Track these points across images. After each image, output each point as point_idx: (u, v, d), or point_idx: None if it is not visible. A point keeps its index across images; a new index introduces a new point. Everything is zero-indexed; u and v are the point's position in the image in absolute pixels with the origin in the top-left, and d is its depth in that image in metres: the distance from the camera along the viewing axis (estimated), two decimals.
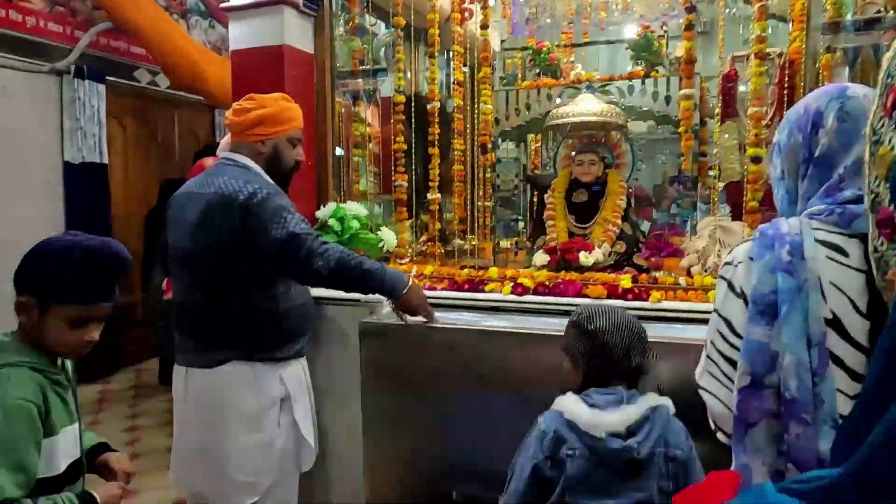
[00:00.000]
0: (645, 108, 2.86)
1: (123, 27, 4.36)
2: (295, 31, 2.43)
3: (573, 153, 2.87)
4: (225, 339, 1.82)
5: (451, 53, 3.21)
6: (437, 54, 2.60)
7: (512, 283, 2.24)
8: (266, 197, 1.73)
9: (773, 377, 0.93)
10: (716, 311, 1.05)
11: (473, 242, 3.22)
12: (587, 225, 2.76)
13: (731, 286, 1.02)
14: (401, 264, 2.57)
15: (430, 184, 2.61)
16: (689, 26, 2.09)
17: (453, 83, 3.18)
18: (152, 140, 5.29)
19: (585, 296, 2.15)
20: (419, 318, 1.96)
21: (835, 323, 0.90)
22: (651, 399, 1.41)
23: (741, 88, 2.94)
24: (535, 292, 2.20)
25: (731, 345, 1.01)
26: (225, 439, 1.82)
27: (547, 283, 2.22)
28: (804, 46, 2.64)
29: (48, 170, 4.39)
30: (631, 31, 3.35)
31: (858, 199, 0.91)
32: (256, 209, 1.71)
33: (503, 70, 3.38)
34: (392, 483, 2.10)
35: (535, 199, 3.27)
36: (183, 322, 1.90)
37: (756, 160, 2.06)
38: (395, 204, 2.63)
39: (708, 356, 1.06)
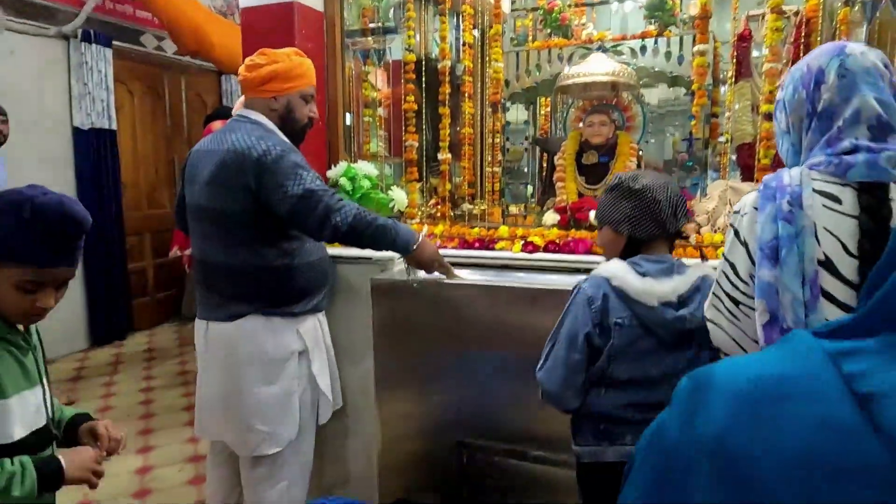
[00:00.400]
0: (657, 69, 2.83)
1: None
2: None
3: (584, 115, 2.85)
4: (242, 294, 1.86)
5: (460, 15, 3.17)
6: (447, 13, 2.57)
7: (522, 242, 2.26)
8: (281, 154, 1.74)
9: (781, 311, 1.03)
10: (724, 255, 1.15)
11: (482, 207, 3.23)
12: (597, 186, 2.76)
13: (736, 234, 1.12)
14: (411, 224, 2.59)
15: (441, 144, 2.60)
16: None
17: (463, 45, 3.15)
18: (160, 106, 5.28)
19: (595, 253, 2.17)
20: (437, 275, 1.97)
21: (827, 263, 1.00)
22: (699, 268, 1.43)
23: (755, 54, 2.91)
24: (546, 250, 2.22)
25: (734, 286, 1.12)
26: (245, 390, 1.86)
27: (557, 241, 2.24)
28: (821, 3, 2.60)
29: (58, 136, 4.40)
30: None
31: (854, 150, 1.00)
32: (272, 166, 1.72)
33: (513, 31, 3.33)
34: (404, 434, 2.15)
35: (545, 163, 3.26)
36: (201, 277, 1.94)
37: (770, 117, 2.04)
38: (406, 164, 2.64)
39: (714, 293, 1.17)
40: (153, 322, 5.18)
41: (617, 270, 1.38)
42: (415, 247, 1.86)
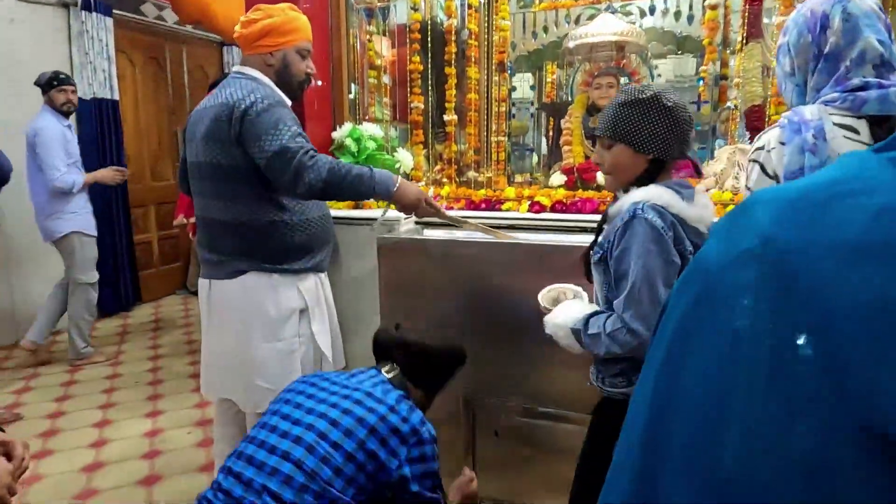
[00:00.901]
0: (666, 29, 2.78)
1: None
2: None
3: (591, 78, 2.82)
4: (241, 251, 1.86)
5: None
6: None
7: (529, 202, 2.25)
8: (266, 107, 1.72)
9: None
10: (748, 188, 1.21)
11: (488, 174, 3.21)
12: None
13: (763, 169, 1.18)
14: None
15: (447, 105, 2.58)
16: None
17: (469, 9, 3.10)
18: (162, 77, 5.23)
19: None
20: (432, 218, 1.92)
21: None
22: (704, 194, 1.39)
23: (765, 21, 2.85)
24: (553, 210, 2.21)
25: None
26: (247, 346, 1.87)
27: (564, 200, 2.22)
28: None
29: None
30: None
31: (865, 87, 1.10)
32: (255, 118, 1.71)
33: None
34: None
35: (552, 130, 3.23)
36: (203, 236, 1.94)
37: None
38: (412, 127, 2.61)
39: None
40: (159, 294, 5.20)
41: (665, 197, 1.24)
42: (395, 188, 1.81)
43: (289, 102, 1.90)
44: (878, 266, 0.29)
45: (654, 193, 1.25)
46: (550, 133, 3.36)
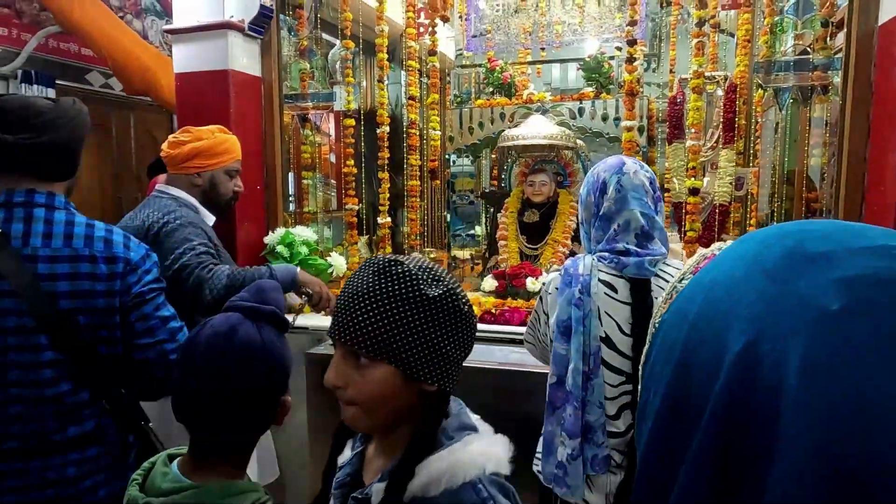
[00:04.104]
0: (595, 129, 2.89)
1: (70, 31, 4.22)
2: (240, 55, 2.39)
3: (525, 172, 2.90)
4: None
5: (405, 67, 3.20)
6: (384, 79, 2.59)
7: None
8: (176, 227, 1.77)
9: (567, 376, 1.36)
10: (535, 308, 1.53)
11: (432, 255, 3.24)
12: (538, 245, 2.80)
13: (542, 301, 1.49)
14: None
15: (381, 208, 2.61)
16: (630, 59, 2.12)
17: (407, 99, 3.18)
18: (107, 145, 5.16)
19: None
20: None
21: (607, 340, 1.34)
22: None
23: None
24: (482, 321, 2.23)
25: (534, 326, 1.55)
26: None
27: (493, 311, 2.26)
28: (749, 70, 2.71)
29: None
30: (590, 47, 3.38)
31: (627, 252, 1.34)
32: (164, 237, 1.75)
33: (458, 87, 3.37)
34: None
35: (490, 218, 3.29)
36: None
37: (693, 192, 2.11)
38: (347, 227, 2.63)
39: (528, 326, 1.59)
40: None
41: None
42: (297, 275, 1.87)
43: (211, 220, 1.92)
44: None
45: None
46: (488, 218, 3.42)
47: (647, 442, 0.37)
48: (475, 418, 0.86)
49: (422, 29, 3.07)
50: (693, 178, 2.12)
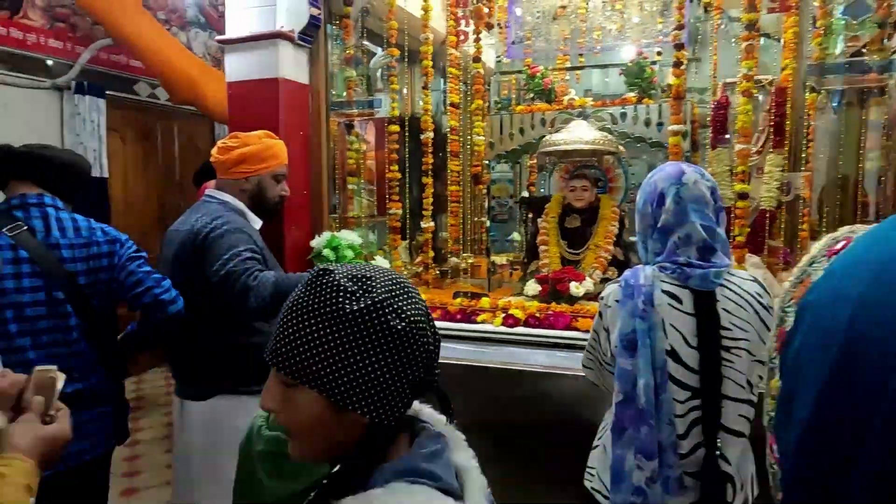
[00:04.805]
0: (637, 135, 2.88)
1: (122, 44, 4.39)
2: (290, 63, 2.46)
3: (566, 177, 2.90)
4: (209, 372, 1.88)
5: (445, 75, 3.25)
6: (429, 85, 2.63)
7: (503, 314, 2.28)
8: (223, 232, 1.79)
9: (636, 393, 1.27)
10: (594, 327, 1.45)
11: (470, 261, 3.26)
12: (579, 251, 2.79)
13: (601, 317, 1.41)
14: None
15: (424, 213, 2.64)
16: (678, 63, 2.11)
17: (448, 105, 3.22)
18: (152, 152, 5.33)
19: (575, 328, 2.19)
20: None
21: (672, 353, 1.27)
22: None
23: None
24: (526, 324, 2.24)
25: (594, 348, 1.47)
26: (221, 469, 1.86)
27: (537, 314, 2.26)
28: (796, 73, 2.67)
29: None
30: (629, 53, 3.37)
31: (690, 265, 1.28)
32: (211, 243, 1.78)
33: (498, 94, 3.40)
34: None
35: (530, 223, 3.30)
36: (174, 355, 1.96)
37: (742, 196, 2.09)
38: (390, 231, 2.67)
39: (588, 350, 1.50)
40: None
41: None
42: None
43: (258, 224, 1.95)
44: None
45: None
46: (528, 225, 3.43)
47: (803, 432, 0.36)
48: (461, 464, 0.71)
49: (462, 37, 3.12)
50: (742, 182, 2.10)
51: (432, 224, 2.66)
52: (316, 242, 2.47)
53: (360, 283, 0.68)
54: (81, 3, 4.13)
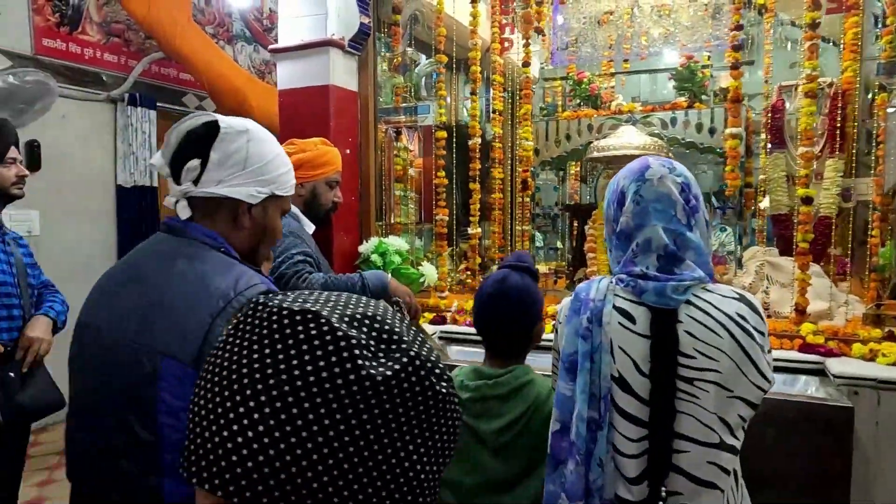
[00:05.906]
0: (688, 140, 2.82)
1: (173, 57, 4.53)
2: (340, 71, 2.49)
3: None
4: None
5: (490, 82, 3.24)
6: (477, 91, 2.63)
7: (552, 323, 2.24)
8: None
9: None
10: (553, 346, 1.25)
11: None
12: None
13: (556, 333, 1.22)
14: (441, 297, 2.60)
15: (471, 219, 2.63)
16: (735, 65, 2.05)
17: (493, 112, 3.21)
18: None
19: None
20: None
21: (620, 380, 1.04)
22: None
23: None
24: None
25: (554, 368, 1.24)
26: None
27: None
28: (857, 76, 2.57)
29: (102, 193, 4.59)
30: (672, 58, 3.32)
31: (646, 276, 1.05)
32: None
33: (542, 100, 3.38)
34: None
35: (576, 231, 3.26)
36: None
37: (807, 201, 2.01)
38: (436, 237, 2.67)
39: (552, 371, 1.27)
40: None
41: None
42: (388, 281, 1.96)
43: (311, 229, 1.98)
44: None
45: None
46: (574, 232, 3.38)
47: None
48: None
49: (507, 44, 3.11)
50: (804, 187, 2.02)
51: (479, 230, 2.64)
52: (364, 248, 2.48)
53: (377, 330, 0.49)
54: (137, 18, 4.29)
